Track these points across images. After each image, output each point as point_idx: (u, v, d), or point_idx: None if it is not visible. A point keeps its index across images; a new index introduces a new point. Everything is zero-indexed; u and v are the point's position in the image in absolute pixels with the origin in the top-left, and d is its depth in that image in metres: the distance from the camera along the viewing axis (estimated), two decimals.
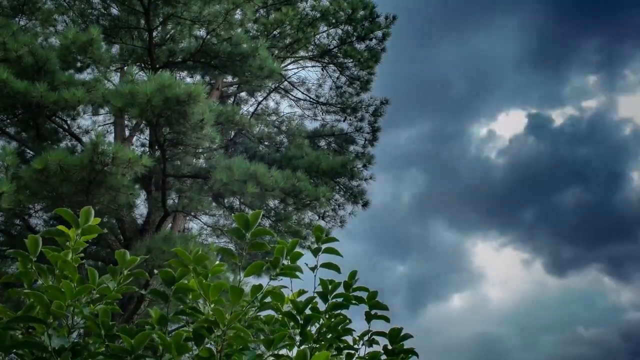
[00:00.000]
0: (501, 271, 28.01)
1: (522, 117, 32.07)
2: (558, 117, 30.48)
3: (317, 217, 11.57)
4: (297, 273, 2.03)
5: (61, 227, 1.94)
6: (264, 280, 1.98)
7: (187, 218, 10.00)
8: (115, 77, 9.72)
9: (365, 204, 11.54)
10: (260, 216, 1.95)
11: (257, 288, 1.92)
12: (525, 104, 31.04)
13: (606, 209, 26.22)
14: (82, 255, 2.00)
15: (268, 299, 1.98)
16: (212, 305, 1.84)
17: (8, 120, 8.29)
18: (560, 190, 26.71)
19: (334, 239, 2.16)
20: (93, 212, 1.99)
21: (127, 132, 9.81)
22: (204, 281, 1.90)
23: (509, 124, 31.85)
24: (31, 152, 8.08)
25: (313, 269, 2.13)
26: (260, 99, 12.88)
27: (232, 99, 12.39)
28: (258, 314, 2.03)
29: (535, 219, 26.60)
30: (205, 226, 11.25)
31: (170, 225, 9.15)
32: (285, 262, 2.01)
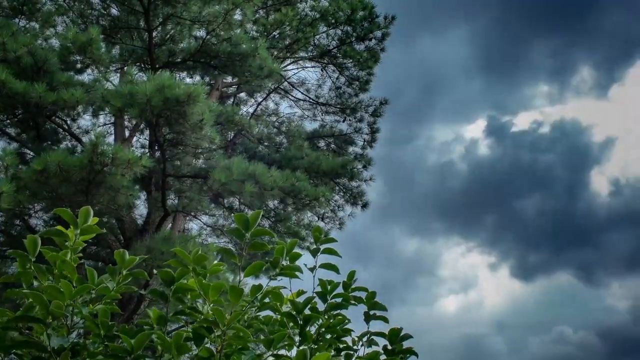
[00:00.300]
0: (468, 275, 28.05)
1: (483, 122, 31.83)
2: (519, 122, 30.60)
3: (317, 218, 11.57)
4: (297, 273, 2.03)
5: (60, 228, 1.94)
6: (263, 281, 1.98)
7: (187, 218, 9.99)
8: (115, 78, 9.73)
9: (364, 205, 11.55)
10: (260, 216, 1.95)
11: (257, 288, 1.92)
12: (485, 110, 30.91)
13: (569, 214, 26.51)
14: (81, 255, 2.00)
15: (267, 299, 1.98)
16: (212, 305, 1.84)
17: (8, 121, 8.29)
18: (523, 195, 26.87)
19: (332, 240, 2.16)
20: (92, 212, 1.99)
21: (127, 133, 9.82)
22: (203, 281, 1.90)
23: (469, 129, 31.46)
24: (31, 154, 8.08)
25: (312, 269, 2.13)
26: (260, 99, 12.89)
27: (231, 100, 12.39)
28: (258, 314, 2.03)
29: (498, 225, 26.71)
30: (205, 226, 11.26)
31: (170, 225, 9.15)
32: (284, 262, 2.01)
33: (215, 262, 2.06)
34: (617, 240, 25.86)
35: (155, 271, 2.12)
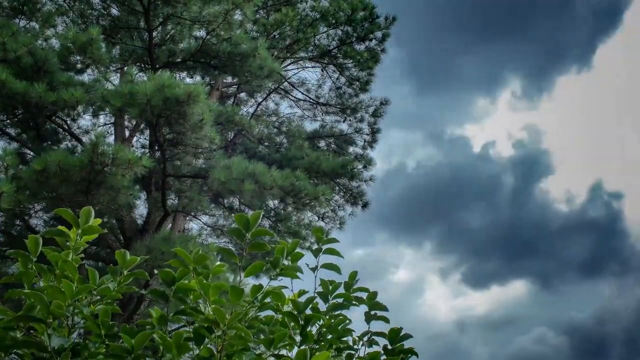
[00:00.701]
0: (419, 284, 27.96)
1: (424, 133, 31.18)
2: (463, 132, 30.52)
3: (317, 218, 11.58)
4: (298, 273, 2.03)
5: (62, 228, 1.94)
6: (264, 281, 1.98)
7: (187, 218, 9.99)
8: (115, 78, 9.73)
9: (365, 205, 11.55)
10: (261, 217, 1.95)
11: (257, 288, 1.92)
12: (424, 123, 30.43)
13: (516, 223, 26.72)
14: (82, 256, 2.00)
15: (268, 299, 1.98)
16: (212, 305, 1.84)
17: (8, 121, 8.29)
18: (470, 206, 26.96)
19: (334, 240, 2.16)
20: (93, 212, 1.99)
21: (127, 133, 9.82)
22: (204, 281, 1.90)
23: (412, 139, 30.66)
24: (31, 154, 8.08)
25: (314, 269, 2.13)
26: (260, 99, 12.89)
27: (232, 100, 12.39)
28: (259, 314, 2.03)
29: (448, 234, 26.72)
30: (205, 226, 11.26)
31: (170, 225, 9.15)
32: (285, 262, 2.01)
33: (217, 263, 2.06)
34: (572, 248, 26.35)
35: (155, 271, 2.13)
